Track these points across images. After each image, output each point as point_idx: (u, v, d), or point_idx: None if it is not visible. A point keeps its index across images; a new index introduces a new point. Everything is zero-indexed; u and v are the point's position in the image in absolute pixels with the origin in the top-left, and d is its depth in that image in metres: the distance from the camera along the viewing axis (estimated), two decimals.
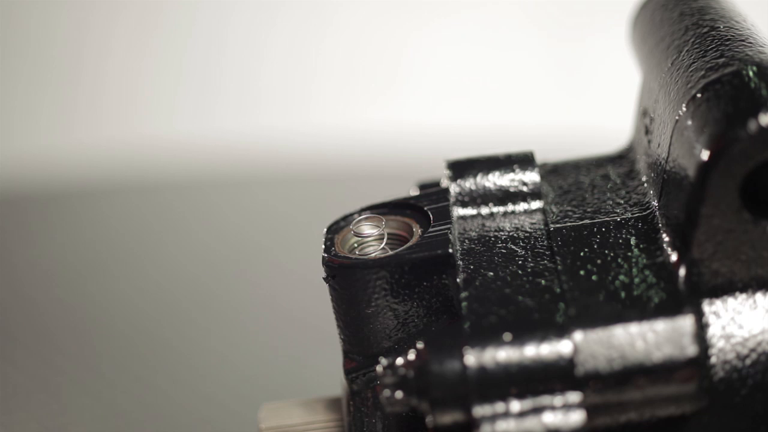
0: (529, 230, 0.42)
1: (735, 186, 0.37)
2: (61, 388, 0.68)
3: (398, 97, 1.02)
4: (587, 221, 0.41)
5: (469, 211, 0.43)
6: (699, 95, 0.38)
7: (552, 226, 0.41)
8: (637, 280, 0.38)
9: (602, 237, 0.40)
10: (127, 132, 1.00)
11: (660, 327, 0.36)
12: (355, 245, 0.42)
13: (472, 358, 0.36)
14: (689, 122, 0.38)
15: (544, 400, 0.36)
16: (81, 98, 1.03)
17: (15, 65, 1.04)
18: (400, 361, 0.37)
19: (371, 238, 0.43)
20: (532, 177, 0.43)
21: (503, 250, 0.41)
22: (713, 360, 0.37)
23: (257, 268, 0.80)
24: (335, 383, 0.45)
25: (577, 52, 1.01)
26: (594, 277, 0.38)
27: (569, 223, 0.41)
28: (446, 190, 0.43)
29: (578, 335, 0.36)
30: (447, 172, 0.44)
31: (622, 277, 0.38)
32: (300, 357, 0.69)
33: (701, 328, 0.37)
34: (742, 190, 0.37)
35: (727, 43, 0.40)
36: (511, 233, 0.42)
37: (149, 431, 0.65)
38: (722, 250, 0.38)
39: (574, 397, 0.36)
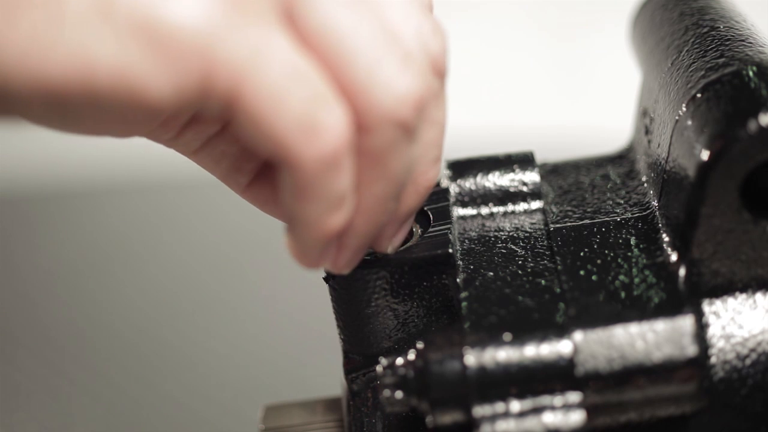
0: (529, 230, 0.42)
1: (735, 186, 0.37)
2: (61, 388, 0.68)
3: None
4: (587, 221, 0.41)
5: (469, 211, 0.43)
6: (699, 95, 0.38)
7: (552, 226, 0.41)
8: (637, 280, 0.38)
9: (602, 237, 0.40)
10: None
11: (660, 327, 0.36)
12: None
13: (472, 358, 0.36)
14: (689, 122, 0.38)
15: (544, 400, 0.36)
16: None
17: None
18: (400, 361, 0.37)
19: None
20: (532, 177, 0.43)
21: (503, 250, 0.41)
22: (713, 360, 0.37)
23: (257, 268, 0.80)
24: (335, 383, 0.45)
25: (577, 52, 1.01)
26: (594, 277, 0.38)
27: (569, 223, 0.41)
28: (446, 190, 0.43)
29: (578, 335, 0.36)
30: (447, 172, 0.44)
31: (622, 277, 0.38)
32: (300, 357, 0.69)
33: (701, 328, 0.37)
34: (742, 190, 0.37)
35: (727, 43, 0.40)
36: (511, 233, 0.42)
37: (149, 431, 0.65)
38: (722, 250, 0.38)
39: (574, 397, 0.36)
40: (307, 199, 0.35)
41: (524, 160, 0.44)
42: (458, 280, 0.39)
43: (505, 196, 0.43)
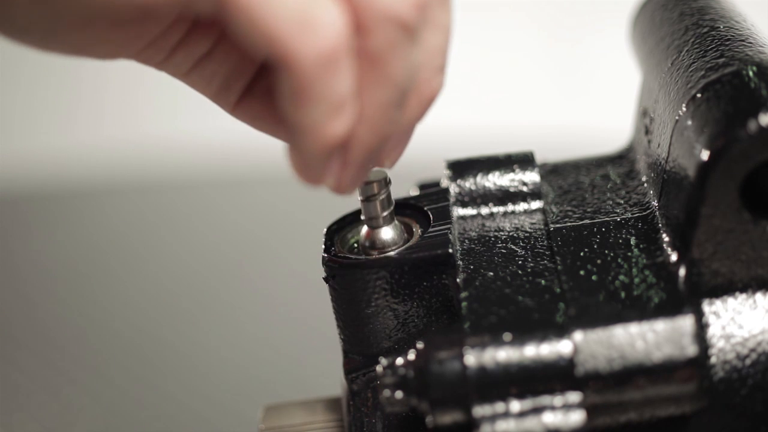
0: (529, 230, 0.42)
1: (735, 186, 0.37)
2: (61, 388, 0.68)
3: None
4: (587, 221, 0.41)
5: (469, 211, 0.43)
6: (699, 95, 0.38)
7: (552, 226, 0.41)
8: (637, 280, 0.38)
9: (602, 237, 0.40)
10: (128, 132, 1.00)
11: (660, 327, 0.36)
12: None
13: (472, 358, 0.36)
14: (689, 122, 0.38)
15: (544, 400, 0.36)
16: (82, 98, 1.03)
17: (16, 65, 1.04)
18: (400, 361, 0.37)
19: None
20: (532, 177, 0.43)
21: (503, 250, 0.41)
22: (713, 360, 0.37)
23: (257, 268, 0.80)
24: (335, 383, 0.45)
25: (577, 53, 1.01)
26: (594, 277, 0.38)
27: (569, 223, 0.41)
28: (446, 190, 0.43)
29: (578, 335, 0.36)
30: (447, 172, 0.44)
31: (622, 277, 0.38)
32: (300, 357, 0.69)
33: (701, 328, 0.37)
34: (742, 190, 0.37)
35: (727, 43, 0.40)
36: (511, 233, 0.42)
37: (149, 431, 0.65)
38: (722, 250, 0.38)
39: (574, 397, 0.36)
40: (307, 102, 0.34)
41: (524, 160, 0.44)
42: (458, 280, 0.39)
43: (505, 196, 0.43)
